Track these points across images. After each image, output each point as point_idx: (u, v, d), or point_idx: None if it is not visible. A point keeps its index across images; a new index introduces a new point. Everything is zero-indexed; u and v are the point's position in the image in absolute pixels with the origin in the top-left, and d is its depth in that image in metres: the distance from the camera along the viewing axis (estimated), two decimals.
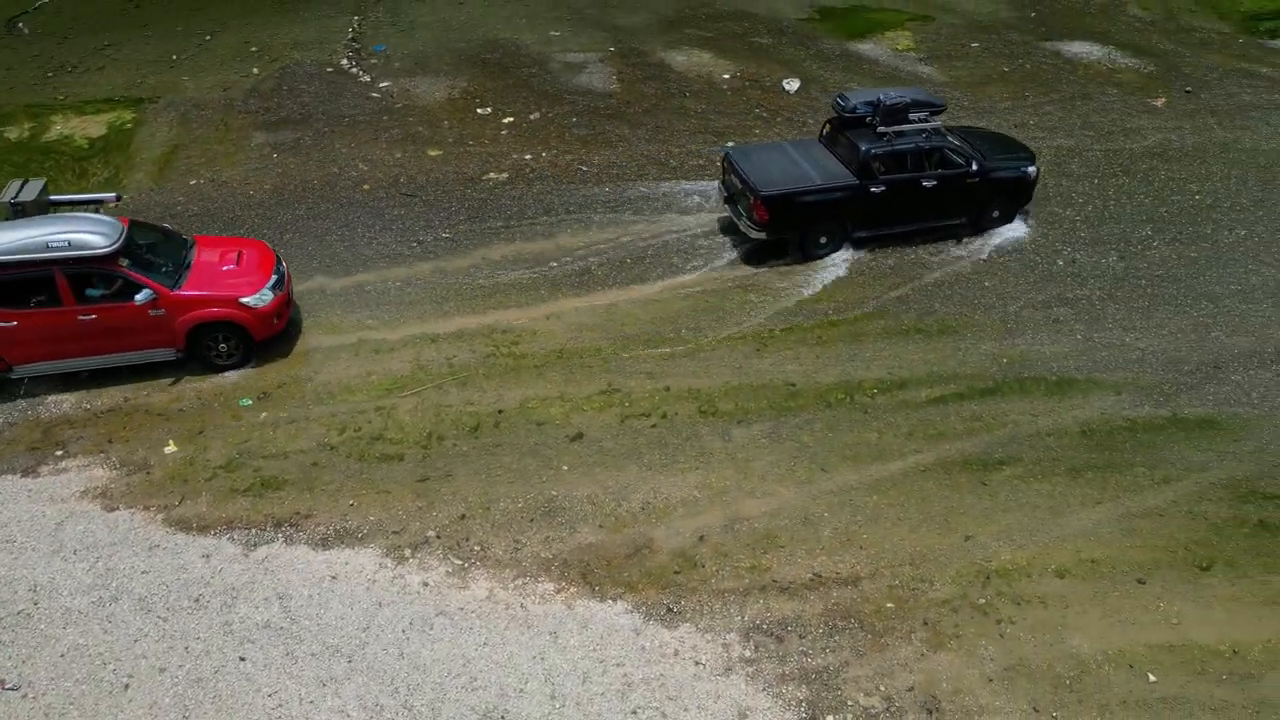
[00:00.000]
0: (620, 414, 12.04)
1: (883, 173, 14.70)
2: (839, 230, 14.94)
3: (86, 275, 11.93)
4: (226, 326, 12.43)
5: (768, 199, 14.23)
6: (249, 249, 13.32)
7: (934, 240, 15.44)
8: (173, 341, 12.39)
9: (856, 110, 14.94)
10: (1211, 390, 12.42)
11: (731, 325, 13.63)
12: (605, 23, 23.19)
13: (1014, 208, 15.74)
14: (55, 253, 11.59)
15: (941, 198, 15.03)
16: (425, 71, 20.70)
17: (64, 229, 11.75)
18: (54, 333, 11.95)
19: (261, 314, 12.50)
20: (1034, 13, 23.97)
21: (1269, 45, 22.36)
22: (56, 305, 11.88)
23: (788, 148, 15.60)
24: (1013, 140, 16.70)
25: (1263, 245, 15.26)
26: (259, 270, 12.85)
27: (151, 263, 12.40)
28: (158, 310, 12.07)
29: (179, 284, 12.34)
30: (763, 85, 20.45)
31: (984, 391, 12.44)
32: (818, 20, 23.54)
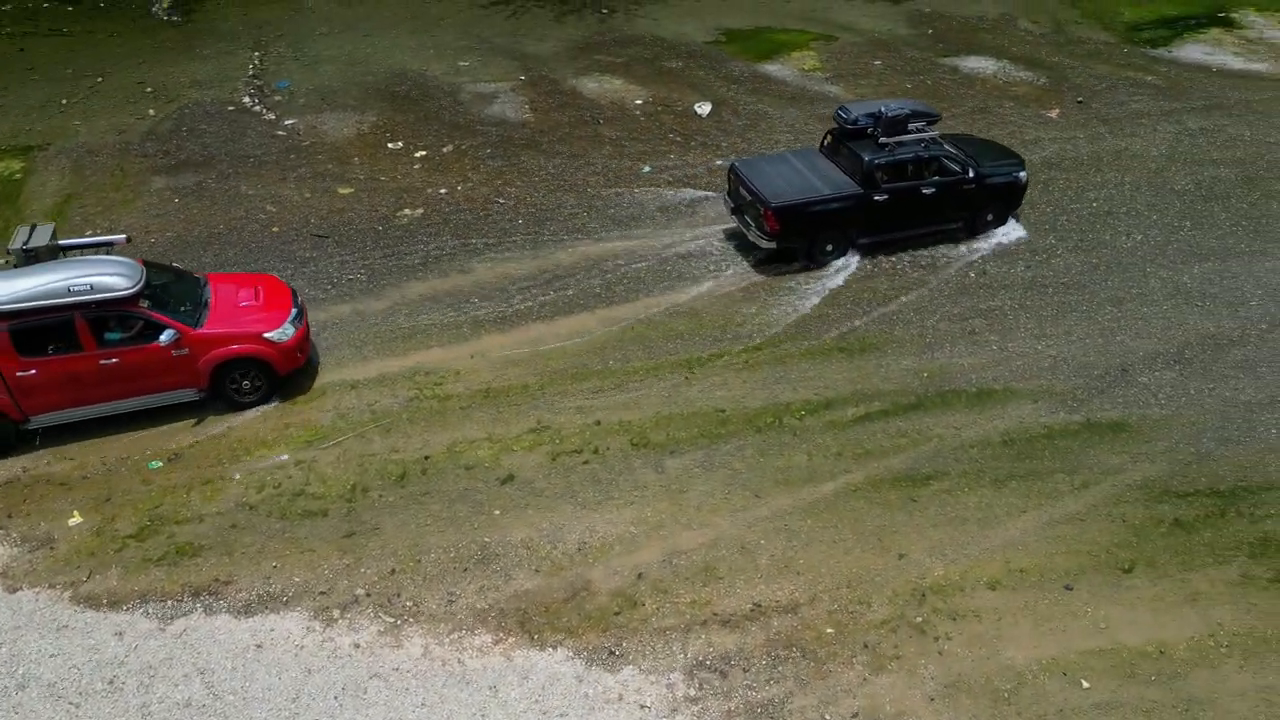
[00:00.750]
0: (551, 452, 11.84)
1: (885, 181, 15.21)
2: (844, 237, 15.45)
3: (105, 318, 11.66)
4: (250, 363, 12.23)
5: (778, 210, 14.63)
6: (264, 284, 13.11)
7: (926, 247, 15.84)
8: (196, 381, 12.19)
9: (858, 122, 15.47)
10: (1121, 393, 12.85)
11: (660, 354, 13.58)
12: (515, 51, 23.05)
13: (1007, 211, 16.40)
14: (77, 297, 11.28)
15: (940, 203, 15.64)
16: (332, 107, 20.22)
17: (83, 273, 11.43)
18: (74, 379, 11.64)
19: (285, 349, 12.35)
20: (931, 30, 24.71)
21: (1151, 54, 23.47)
22: (77, 351, 11.57)
23: (791, 159, 16.04)
24: (1003, 147, 17.28)
25: (1158, 249, 15.93)
26: (278, 305, 12.67)
27: (171, 302, 12.20)
28: (181, 350, 11.86)
29: (200, 322, 12.13)
30: (675, 109, 20.56)
31: (908, 407, 12.64)
32: (724, 43, 23.83)
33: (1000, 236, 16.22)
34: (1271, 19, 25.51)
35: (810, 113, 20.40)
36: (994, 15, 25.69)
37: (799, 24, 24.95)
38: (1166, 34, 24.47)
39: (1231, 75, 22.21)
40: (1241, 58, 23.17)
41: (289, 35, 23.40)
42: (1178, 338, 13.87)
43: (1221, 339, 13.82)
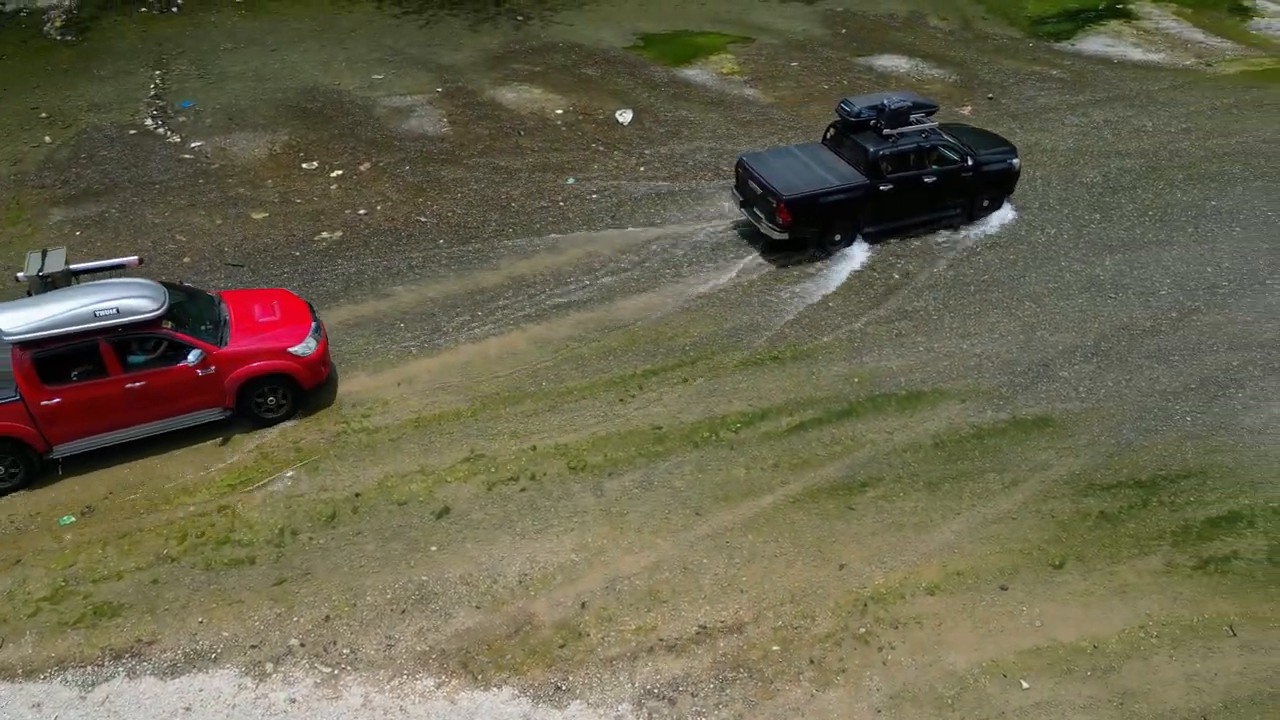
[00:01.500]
0: (487, 481, 11.59)
1: (889, 172, 15.66)
2: (852, 227, 15.90)
3: (129, 342, 11.44)
4: (276, 379, 12.12)
5: (790, 202, 15.00)
6: (279, 299, 12.98)
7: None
8: (222, 400, 12.05)
9: (861, 115, 15.84)
10: (1044, 389, 13.16)
11: (594, 373, 13.42)
12: (429, 62, 22.56)
13: (1002, 196, 17.01)
14: (104, 321, 11.03)
15: (940, 191, 16.20)
16: (241, 126, 19.49)
17: (108, 296, 11.17)
18: (100, 406, 11.41)
19: (310, 362, 12.28)
20: (844, 29, 25.01)
21: (1055, 48, 24.17)
22: (102, 376, 11.35)
23: (796, 152, 16.42)
24: (995, 135, 17.82)
25: (1071, 242, 16.37)
26: (298, 318, 12.59)
27: (192, 322, 12.01)
28: (207, 369, 11.72)
29: (224, 340, 11.99)
30: (596, 118, 20.37)
31: (841, 414, 12.73)
32: (642, 48, 23.72)
33: (999, 220, 16.90)
34: (1166, 9, 26.51)
35: (732, 117, 20.45)
36: (904, 13, 26.13)
37: (716, 26, 24.99)
38: (1069, 27, 25.23)
39: (1132, 66, 23.00)
40: (1140, 49, 24.02)
41: (191, 52, 22.48)
42: (1094, 330, 14.27)
43: (1135, 329, 14.27)
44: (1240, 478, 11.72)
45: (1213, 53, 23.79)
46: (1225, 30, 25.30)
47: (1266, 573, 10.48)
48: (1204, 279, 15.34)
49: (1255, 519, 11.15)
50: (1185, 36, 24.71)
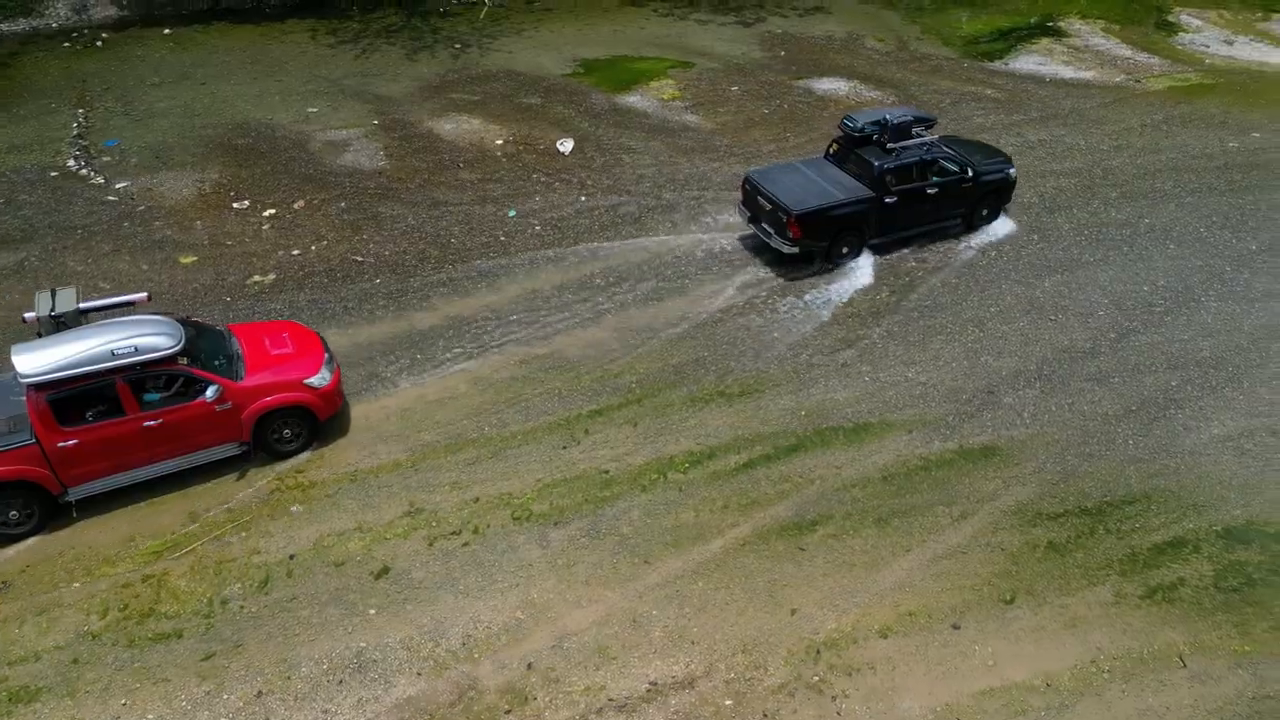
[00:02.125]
0: (428, 536, 11.18)
1: (894, 185, 16.02)
2: (858, 239, 16.24)
3: (146, 379, 11.26)
4: (292, 411, 12.00)
5: (800, 216, 15.33)
6: (289, 330, 12.86)
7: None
8: (238, 435, 11.90)
9: (864, 130, 16.20)
10: (989, 416, 13.13)
11: (538, 415, 13.08)
12: (366, 94, 22.09)
13: (999, 205, 17.42)
14: (122, 360, 10.83)
15: (943, 202, 16.64)
16: (169, 165, 18.83)
17: (124, 335, 10.98)
18: (117, 446, 11.19)
19: (326, 393, 12.19)
20: (783, 52, 25.07)
21: (989, 67, 24.47)
22: (119, 415, 11.15)
23: (802, 168, 16.69)
24: (991, 146, 18.26)
25: (1011, 264, 16.46)
26: (310, 349, 12.47)
27: (206, 356, 11.80)
28: (224, 405, 11.56)
29: (240, 374, 11.85)
30: (537, 148, 20.08)
31: (789, 449, 12.55)
32: (582, 74, 23.51)
33: (994, 230, 17.25)
34: (1095, 26, 27.05)
35: (674, 145, 20.30)
36: (842, 35, 26.30)
37: (656, 51, 24.89)
38: (1001, 46, 25.59)
39: (1064, 85, 23.36)
40: (1071, 66, 24.42)
41: (117, 88, 21.73)
42: (1036, 354, 14.31)
43: (1076, 352, 14.34)
44: (1183, 501, 11.77)
45: (1141, 69, 24.29)
46: (1152, 46, 25.88)
47: (1213, 600, 10.50)
48: (1140, 298, 15.50)
49: (1200, 544, 11.19)
50: (1114, 53, 25.21)
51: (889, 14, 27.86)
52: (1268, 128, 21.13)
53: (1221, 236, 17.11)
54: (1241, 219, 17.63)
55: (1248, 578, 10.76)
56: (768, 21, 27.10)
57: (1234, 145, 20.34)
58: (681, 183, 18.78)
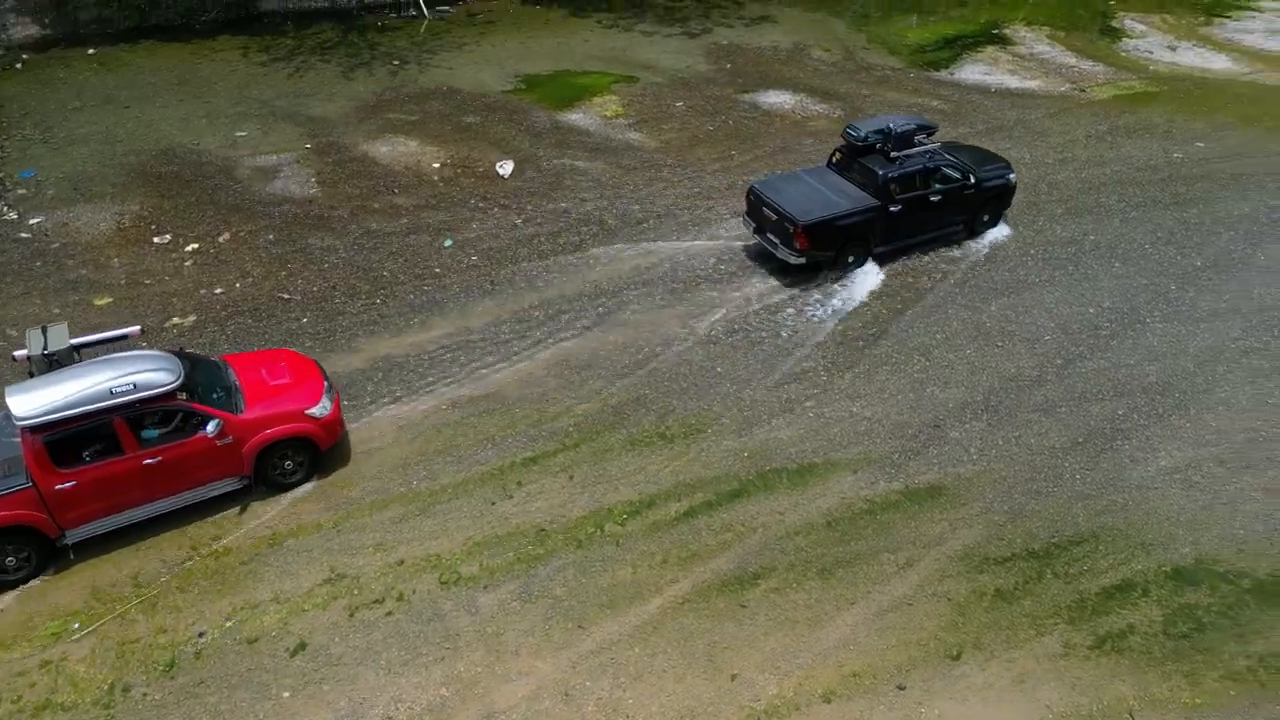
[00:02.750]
0: (349, 606, 10.49)
1: (898, 193, 15.96)
2: (865, 248, 16.17)
3: (143, 416, 10.87)
4: (294, 442, 11.68)
5: (808, 227, 15.26)
6: (286, 359, 12.49)
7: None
8: (239, 469, 11.56)
9: (867, 139, 16.16)
10: (935, 452, 12.71)
11: (470, 465, 12.42)
12: (298, 115, 21.20)
13: (1000, 211, 17.43)
14: (120, 398, 10.45)
15: (946, 209, 16.59)
16: (87, 197, 17.85)
17: (122, 372, 10.60)
18: (115, 486, 10.82)
19: (328, 423, 11.92)
20: (729, 64, 24.54)
21: (935, 77, 24.14)
22: (118, 454, 10.76)
23: (805, 177, 16.57)
24: (989, 152, 18.16)
25: (957, 287, 16.08)
26: (309, 378, 12.14)
27: (204, 390, 11.42)
28: (225, 439, 11.19)
29: (240, 407, 11.50)
30: (475, 171, 19.37)
31: (731, 495, 12.02)
32: (524, 90, 22.80)
33: (993, 236, 17.28)
34: (1040, 33, 26.87)
35: (616, 164, 19.70)
36: (788, 45, 25.83)
37: (600, 65, 24.25)
38: (947, 55, 25.29)
39: (1009, 95, 23.10)
40: (1016, 76, 24.17)
41: (36, 113, 20.65)
42: (983, 384, 13.92)
43: (1022, 380, 13.97)
44: (1131, 540, 11.42)
45: (1085, 77, 24.10)
46: (1096, 53, 25.72)
47: (1162, 648, 10.14)
48: (1086, 321, 15.19)
49: (1149, 586, 10.84)
50: (1059, 61, 25.01)
51: (835, 22, 27.46)
52: (1211, 137, 21.00)
53: (1166, 253, 16.87)
54: (1186, 234, 17.42)
55: (1197, 622, 10.43)
56: (714, 32, 26.57)
57: (1178, 156, 20.18)
58: (624, 206, 18.17)
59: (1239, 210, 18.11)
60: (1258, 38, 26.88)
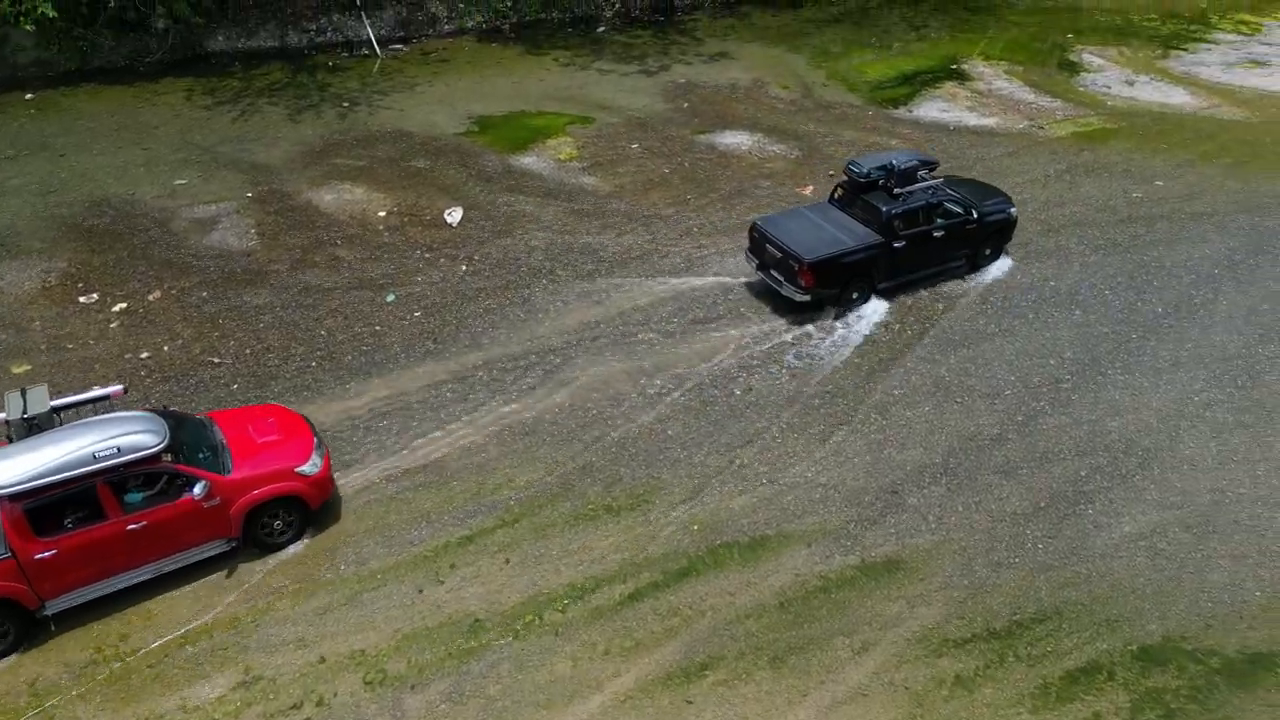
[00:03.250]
0: (263, 713, 9.67)
1: (902, 230, 15.86)
2: (869, 285, 16.06)
3: (126, 479, 10.54)
4: (284, 502, 11.32)
5: (813, 264, 15.13)
6: (274, 415, 12.11)
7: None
8: (227, 531, 11.15)
9: (870, 175, 16.07)
10: (893, 521, 12.10)
11: (402, 547, 11.66)
12: (241, 161, 20.45)
13: (1001, 245, 17.41)
14: (104, 463, 10.08)
15: (948, 244, 16.51)
16: (13, 253, 16.98)
17: (105, 436, 10.23)
18: (98, 553, 10.39)
19: (319, 480, 11.58)
20: (687, 103, 24.07)
21: (894, 115, 23.78)
22: (100, 520, 10.36)
23: (808, 214, 16.45)
24: (990, 186, 18.15)
25: (915, 338, 15.56)
26: (298, 434, 11.79)
27: (189, 450, 11.09)
28: (212, 501, 10.82)
29: (228, 467, 11.14)
30: (423, 219, 18.69)
31: (680, 574, 11.34)
32: (476, 133, 22.19)
33: (995, 271, 17.22)
34: (998, 68, 26.65)
35: (569, 209, 19.09)
36: (746, 82, 25.42)
37: (555, 105, 23.70)
38: (906, 91, 24.97)
39: (968, 133, 22.76)
40: (975, 113, 23.87)
41: None
42: (942, 444, 13.36)
43: (982, 439, 13.43)
44: (1096, 616, 10.85)
45: (1044, 114, 23.84)
46: (1055, 88, 25.51)
47: None
48: (1047, 373, 14.71)
49: (1114, 668, 10.26)
50: (1017, 97, 24.76)
51: (794, 58, 27.12)
52: (1170, 175, 20.74)
53: (1126, 299, 16.47)
54: (1146, 278, 17.04)
55: (1166, 709, 9.85)
56: (672, 70, 26.13)
57: (1137, 195, 19.87)
58: (575, 256, 17.55)
59: (1199, 253, 17.78)
60: (1214, 70, 26.81)
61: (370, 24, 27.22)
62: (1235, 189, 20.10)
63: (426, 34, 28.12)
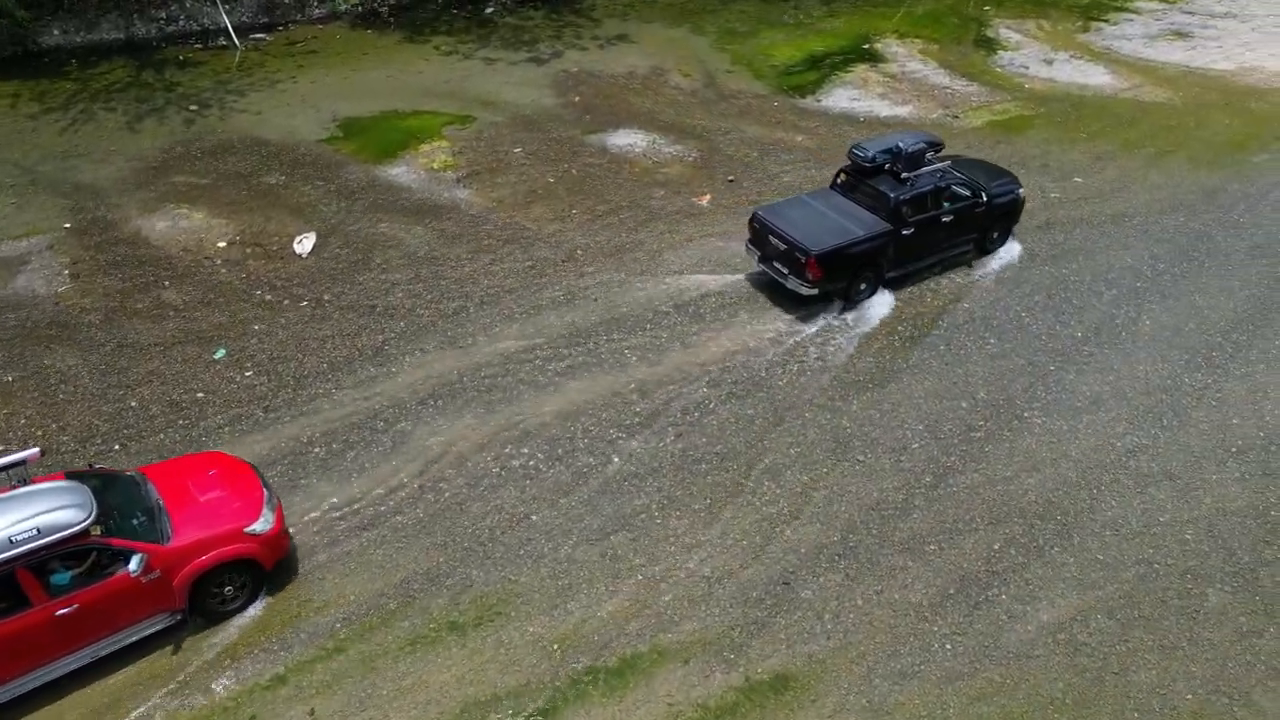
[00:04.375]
0: None
1: (910, 216, 14.87)
2: (877, 275, 15.02)
3: (49, 561, 9.12)
4: (234, 566, 10.02)
5: (821, 257, 14.15)
6: (217, 465, 10.70)
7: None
8: (170, 603, 9.84)
9: (875, 160, 15.05)
10: (784, 622, 10.34)
11: (185, 699, 9.54)
12: (64, 183, 17.61)
13: (1009, 228, 16.44)
14: (24, 546, 8.78)
15: (957, 229, 15.55)
16: None
17: (21, 515, 8.91)
18: (23, 644, 9.07)
19: (270, 538, 10.24)
20: (578, 96, 21.69)
21: (801, 105, 21.74)
22: (24, 609, 9.01)
23: (810, 202, 15.39)
24: (995, 166, 17.13)
25: (813, 379, 13.75)
26: (245, 487, 10.45)
27: (121, 518, 9.70)
28: (152, 574, 9.48)
29: (167, 534, 9.75)
30: (269, 249, 16.20)
31: (533, 716, 9.45)
32: (341, 139, 19.58)
33: (1005, 256, 16.28)
34: (912, 47, 24.74)
35: (438, 231, 16.76)
36: (645, 70, 23.10)
37: (433, 102, 21.14)
38: (814, 77, 22.92)
39: (879, 125, 20.84)
40: (887, 100, 21.95)
41: None
42: (841, 516, 11.61)
43: (886, 508, 11.71)
44: None
45: (959, 100, 22.03)
46: (971, 69, 23.69)
47: None
48: (959, 419, 13.03)
49: None
50: (931, 81, 22.88)
51: (698, 40, 24.82)
52: (1089, 169, 19.14)
53: (1044, 322, 14.85)
54: (1065, 296, 15.44)
55: None
56: (565, 56, 23.65)
57: (1055, 195, 18.24)
58: (441, 290, 15.30)
59: (1121, 261, 16.24)
60: (1136, 45, 25.26)
61: (228, 10, 24.11)
62: (1158, 184, 18.59)
63: (295, 19, 25.12)
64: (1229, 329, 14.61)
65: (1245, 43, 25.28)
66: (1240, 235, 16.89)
